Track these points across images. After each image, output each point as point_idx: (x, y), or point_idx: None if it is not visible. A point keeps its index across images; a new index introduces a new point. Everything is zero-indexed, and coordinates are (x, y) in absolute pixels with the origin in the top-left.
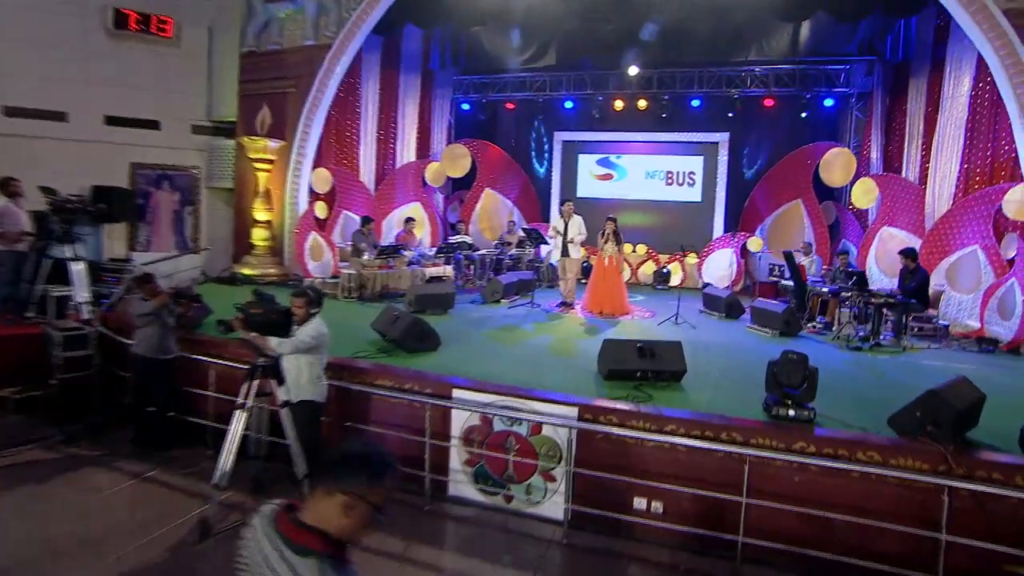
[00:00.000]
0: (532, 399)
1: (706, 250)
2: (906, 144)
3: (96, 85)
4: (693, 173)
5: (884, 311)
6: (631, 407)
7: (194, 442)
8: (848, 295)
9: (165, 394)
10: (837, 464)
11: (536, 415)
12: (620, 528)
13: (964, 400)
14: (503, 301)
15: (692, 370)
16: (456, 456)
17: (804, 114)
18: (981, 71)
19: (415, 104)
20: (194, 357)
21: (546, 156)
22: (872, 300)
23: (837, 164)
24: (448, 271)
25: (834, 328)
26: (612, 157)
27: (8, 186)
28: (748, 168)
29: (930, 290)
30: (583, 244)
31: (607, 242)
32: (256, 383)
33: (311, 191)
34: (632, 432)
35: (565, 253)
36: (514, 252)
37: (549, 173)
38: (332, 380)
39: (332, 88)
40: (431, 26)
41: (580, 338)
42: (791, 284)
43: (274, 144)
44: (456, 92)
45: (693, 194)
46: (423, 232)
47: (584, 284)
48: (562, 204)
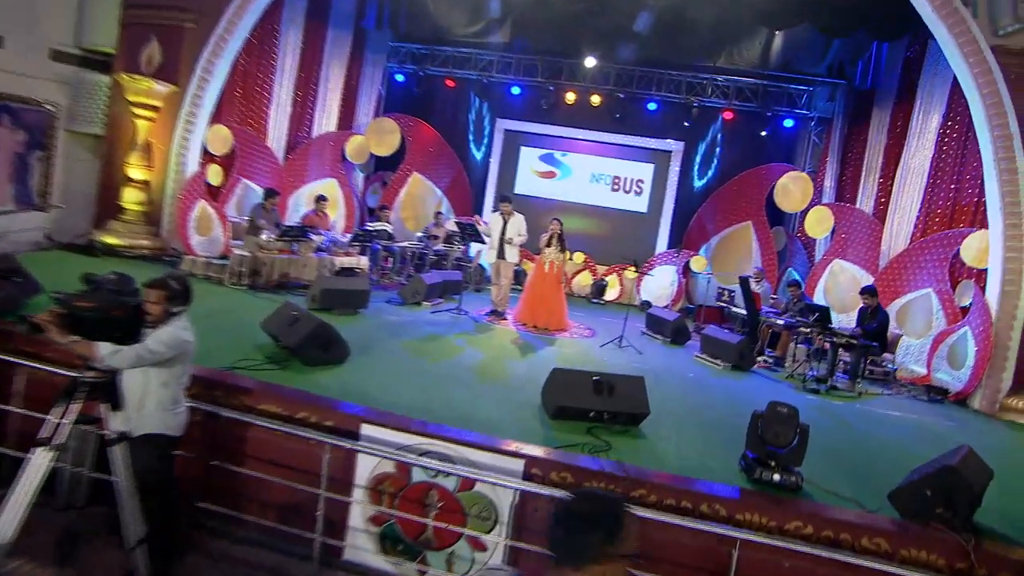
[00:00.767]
0: (466, 445)
1: (647, 265)
2: (863, 175)
3: None
4: (641, 181)
5: (839, 351)
6: (592, 463)
7: None
8: (806, 331)
9: None
10: (850, 559)
11: (470, 467)
12: None
13: (978, 478)
14: (425, 304)
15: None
16: (359, 512)
17: (763, 132)
18: (953, 108)
19: (342, 66)
20: None
21: (485, 144)
22: (833, 340)
23: (794, 189)
24: (363, 263)
25: (786, 365)
26: (557, 154)
27: None
28: (699, 182)
29: (888, 332)
30: (521, 247)
31: (550, 246)
32: (76, 407)
33: (205, 151)
34: None
35: (501, 255)
36: (441, 248)
37: (486, 163)
38: (198, 402)
39: (243, 31)
40: None
41: (515, 358)
42: (740, 312)
43: (162, 88)
44: (391, 59)
45: (639, 204)
46: (337, 215)
47: (519, 291)
48: (500, 202)
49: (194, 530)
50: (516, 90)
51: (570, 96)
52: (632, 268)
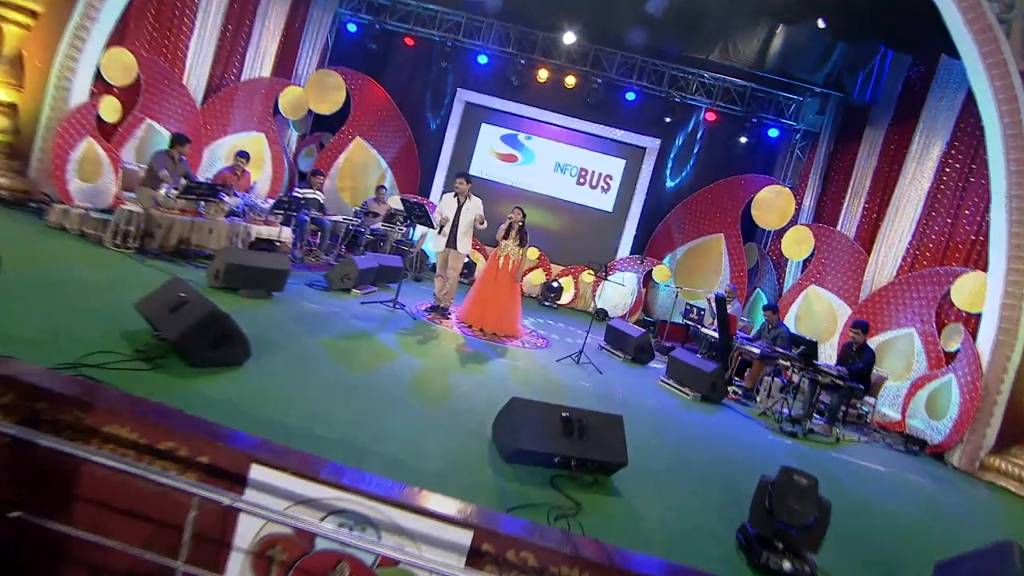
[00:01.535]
0: (394, 504)
1: (607, 270)
2: (847, 198)
3: None
4: (610, 177)
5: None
6: (562, 542)
7: None
8: (786, 364)
9: None
10: None
11: (398, 536)
12: None
13: None
14: (355, 291)
15: None
16: None
17: (744, 139)
18: (958, 137)
19: (284, 2)
20: None
21: (442, 115)
22: (817, 378)
23: (775, 205)
24: (285, 235)
25: (758, 399)
26: (521, 136)
27: None
28: (670, 184)
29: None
30: (477, 236)
31: (508, 238)
32: None
33: (99, 78)
34: None
35: (452, 243)
36: (379, 227)
37: (441, 137)
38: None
39: None
40: None
41: (459, 370)
42: (709, 333)
43: None
44: (344, 5)
45: (605, 201)
46: (260, 176)
47: (466, 286)
48: (458, 178)
49: None
50: (483, 59)
51: (543, 73)
52: (590, 271)
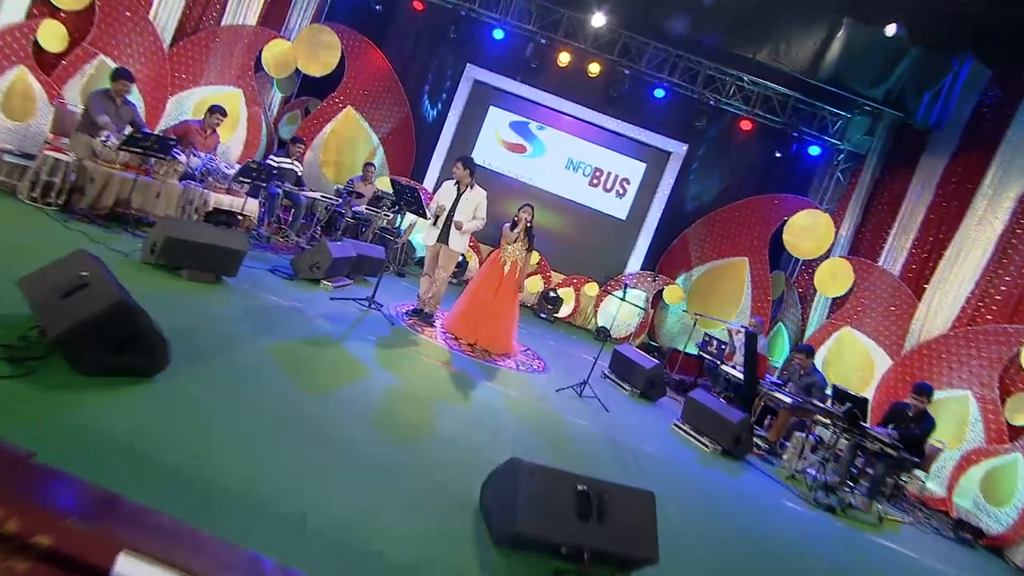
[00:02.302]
0: None
1: (613, 284)
2: (893, 232)
3: None
4: (627, 181)
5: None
6: None
7: None
8: (824, 421)
9: None
10: None
11: None
12: None
13: None
14: (325, 283)
15: None
16: None
17: (779, 154)
18: None
19: None
20: None
21: (446, 92)
22: (865, 443)
23: (813, 232)
24: (251, 208)
25: (784, 457)
26: (533, 125)
27: None
28: (694, 195)
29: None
30: (474, 233)
31: (515, 240)
32: None
33: None
34: None
35: (444, 238)
36: (362, 210)
37: (443, 116)
38: None
39: None
40: None
41: (440, 397)
42: (731, 373)
43: None
44: None
45: (619, 207)
46: (232, 139)
47: (455, 287)
48: (457, 163)
49: None
50: (499, 34)
51: (564, 57)
52: (595, 284)
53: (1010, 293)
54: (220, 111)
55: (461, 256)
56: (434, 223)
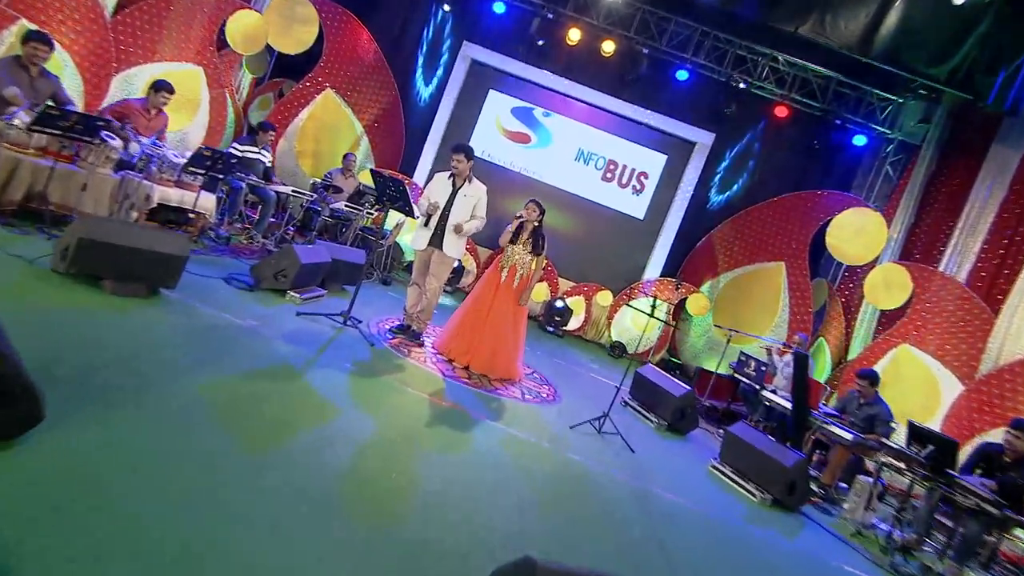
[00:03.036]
0: None
1: (629, 292)
2: (956, 234)
3: None
4: (645, 175)
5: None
6: None
7: None
8: (898, 465)
9: None
10: None
11: None
12: None
13: None
14: (292, 295)
15: None
16: None
17: (819, 144)
18: None
19: None
20: None
21: (439, 74)
22: (956, 497)
23: (863, 233)
24: (206, 204)
25: (845, 507)
26: (538, 111)
27: None
28: (719, 194)
29: None
30: (471, 235)
31: (520, 243)
32: None
33: None
34: None
35: (437, 241)
36: (341, 207)
37: (436, 101)
38: None
39: None
40: None
41: (429, 445)
42: (773, 399)
43: None
44: None
45: (636, 205)
46: (192, 125)
47: (452, 296)
48: (454, 152)
49: None
50: (500, 7)
51: (574, 34)
52: (608, 293)
53: None
54: (166, 87)
55: (457, 261)
56: (425, 223)
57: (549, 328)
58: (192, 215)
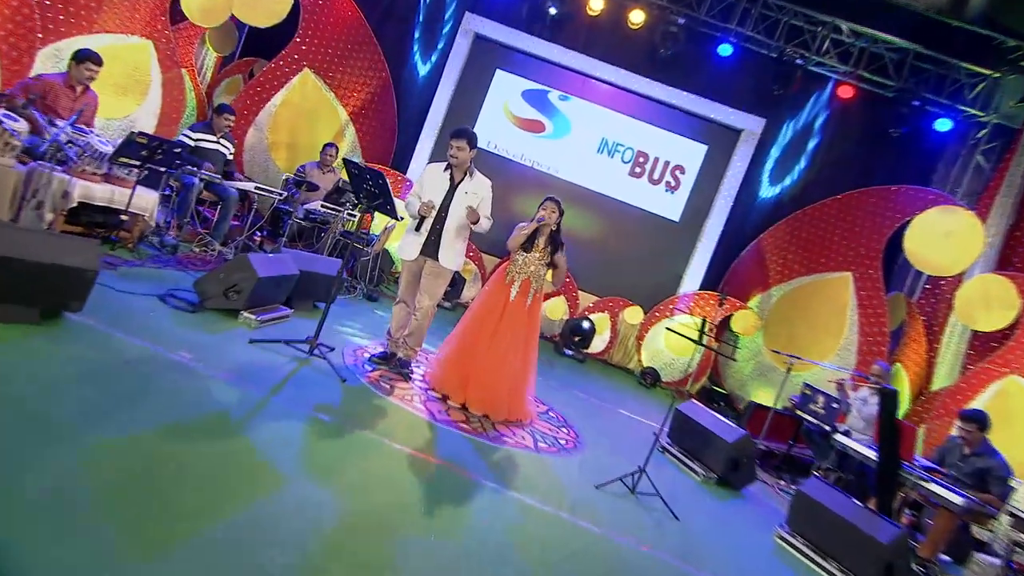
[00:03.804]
0: None
1: (663, 308)
2: None
3: None
4: (681, 169)
5: None
6: None
7: None
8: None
9: None
10: None
11: None
12: None
13: None
14: (247, 316)
15: None
16: None
17: (892, 131)
18: None
19: None
20: None
21: (437, 52)
22: None
23: (952, 237)
24: (144, 203)
25: None
26: (553, 95)
27: None
28: (771, 188)
29: None
30: (473, 240)
31: (531, 249)
32: None
33: None
34: None
35: (431, 249)
36: (317, 208)
37: (433, 83)
38: None
39: None
40: None
41: (412, 523)
42: (849, 445)
43: None
44: None
45: (670, 205)
46: (141, 109)
47: (450, 311)
48: (453, 138)
49: None
50: None
51: (595, 2)
52: (638, 309)
53: None
54: (91, 57)
55: (455, 272)
56: (416, 227)
57: (568, 351)
58: (125, 217)
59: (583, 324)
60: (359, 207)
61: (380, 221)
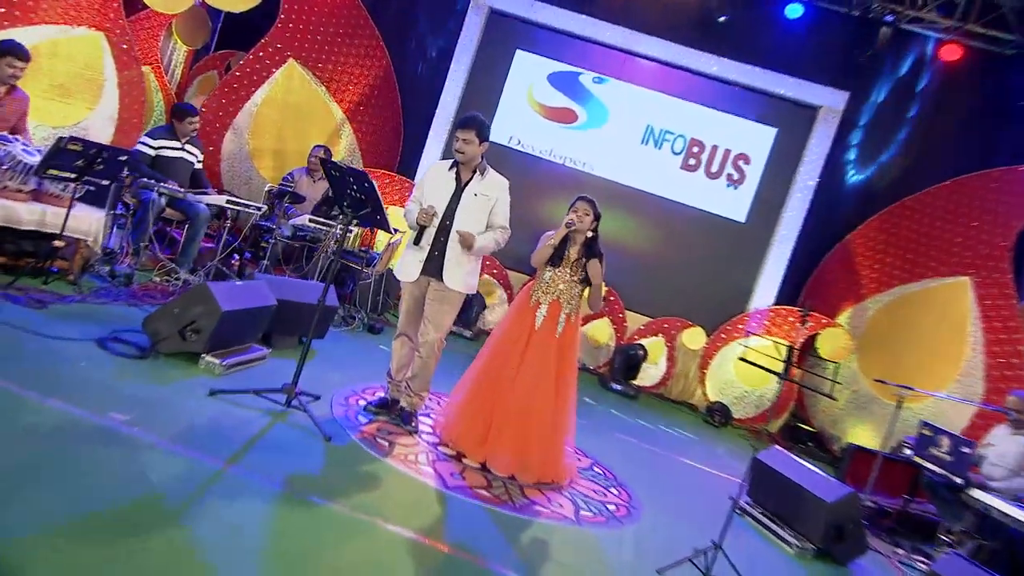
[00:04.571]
0: None
1: (730, 329)
2: None
3: None
4: (746, 159)
5: None
6: None
7: None
8: None
9: None
10: None
11: None
12: None
13: None
14: (209, 361)
15: None
16: None
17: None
18: None
19: None
20: None
21: (446, 32)
22: None
23: None
24: (86, 225)
25: None
26: (586, 77)
27: None
28: (858, 175)
29: None
30: (492, 253)
31: (561, 264)
32: None
33: None
34: None
35: (434, 269)
36: (306, 224)
37: (443, 70)
38: None
39: None
40: None
41: None
42: (985, 500)
43: None
44: None
45: (733, 202)
46: (94, 114)
47: (472, 340)
48: (461, 129)
49: None
50: None
51: None
52: (699, 330)
53: None
54: (13, 51)
55: (468, 295)
56: (416, 240)
57: (615, 386)
58: (60, 244)
59: (634, 351)
60: (344, 217)
61: (384, 236)
